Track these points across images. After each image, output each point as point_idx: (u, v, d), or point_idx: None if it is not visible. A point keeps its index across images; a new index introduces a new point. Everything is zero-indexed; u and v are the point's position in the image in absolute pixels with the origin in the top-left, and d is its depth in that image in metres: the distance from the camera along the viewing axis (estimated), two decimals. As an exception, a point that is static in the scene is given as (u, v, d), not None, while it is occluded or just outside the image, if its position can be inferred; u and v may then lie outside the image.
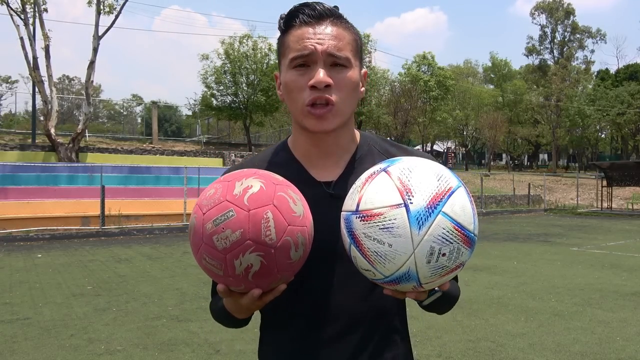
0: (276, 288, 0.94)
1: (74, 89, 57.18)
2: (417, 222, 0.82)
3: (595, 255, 10.58)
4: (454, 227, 0.84)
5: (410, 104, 36.39)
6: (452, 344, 4.68)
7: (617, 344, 4.70)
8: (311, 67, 1.04)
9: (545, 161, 60.83)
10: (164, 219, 15.28)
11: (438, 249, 0.83)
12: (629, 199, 26.54)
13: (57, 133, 19.24)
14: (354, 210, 0.89)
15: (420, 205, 0.83)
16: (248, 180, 0.90)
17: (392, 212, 0.84)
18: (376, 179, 0.90)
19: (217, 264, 0.87)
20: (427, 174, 0.87)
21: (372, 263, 0.87)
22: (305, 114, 1.06)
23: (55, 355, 4.35)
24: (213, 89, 28.73)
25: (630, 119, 43.03)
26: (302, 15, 1.06)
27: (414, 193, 0.84)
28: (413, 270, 0.85)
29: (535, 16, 58.13)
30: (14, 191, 14.61)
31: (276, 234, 0.86)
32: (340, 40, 1.06)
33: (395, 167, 0.90)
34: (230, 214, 0.85)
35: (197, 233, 0.89)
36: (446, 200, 0.85)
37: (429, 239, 0.83)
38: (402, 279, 0.87)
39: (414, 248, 0.83)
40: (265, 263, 0.86)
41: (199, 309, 5.88)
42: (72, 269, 8.59)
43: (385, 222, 0.84)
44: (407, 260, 0.84)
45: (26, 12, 18.00)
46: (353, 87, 1.08)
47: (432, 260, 0.84)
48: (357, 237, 0.88)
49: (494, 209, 24.82)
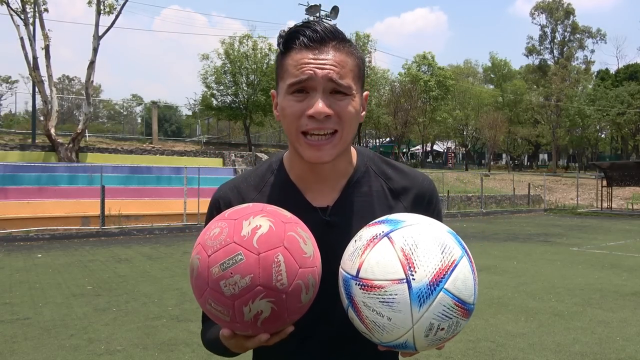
0: (283, 330, 0.89)
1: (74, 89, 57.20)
2: (419, 300, 0.81)
3: (595, 255, 10.58)
4: (455, 303, 0.84)
5: (410, 104, 36.39)
6: (452, 344, 4.68)
7: (617, 344, 4.70)
8: (310, 93, 0.99)
9: (545, 161, 60.83)
10: (164, 219, 15.28)
11: (437, 324, 0.83)
12: (629, 199, 26.54)
13: (57, 133, 19.23)
14: (354, 276, 0.87)
15: (423, 282, 0.82)
16: (256, 220, 0.84)
17: (393, 287, 0.82)
18: (378, 245, 0.87)
19: (224, 310, 0.82)
20: (431, 245, 0.85)
21: (370, 331, 0.87)
22: (301, 143, 1.01)
23: (55, 355, 4.35)
24: (213, 89, 28.73)
25: (630, 119, 43.03)
26: (302, 37, 1.00)
27: (416, 268, 0.82)
28: (410, 342, 0.85)
29: (535, 16, 58.17)
30: (14, 191, 14.61)
31: (287, 279, 0.81)
32: (343, 67, 1.00)
33: (398, 233, 0.87)
34: (239, 257, 0.80)
35: (202, 277, 0.83)
36: (449, 276, 0.83)
37: (428, 316, 0.82)
38: (399, 347, 0.88)
39: (413, 324, 0.83)
40: (275, 309, 0.82)
41: (199, 309, 5.86)
42: (72, 269, 8.59)
43: (385, 297, 0.82)
44: (406, 334, 0.84)
45: (26, 12, 18.00)
46: (353, 117, 1.02)
47: (431, 335, 0.84)
48: (356, 304, 0.87)
49: (494, 209, 24.82)
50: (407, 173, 1.17)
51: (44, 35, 18.04)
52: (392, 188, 1.13)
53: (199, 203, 15.38)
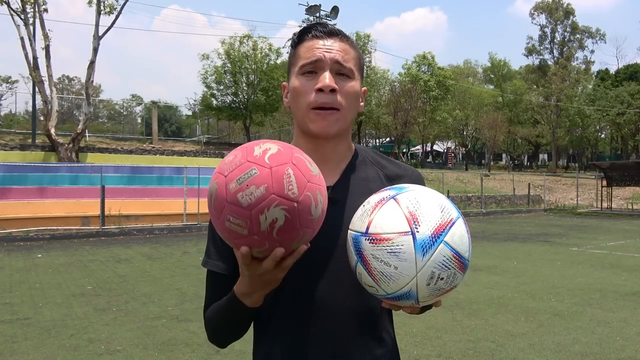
0: (297, 250, 0.94)
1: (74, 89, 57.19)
2: (422, 249, 0.91)
3: (595, 255, 10.58)
4: (453, 255, 0.93)
5: (410, 104, 36.38)
6: (452, 344, 4.68)
7: (617, 344, 4.70)
8: (318, 73, 1.13)
9: (545, 161, 60.84)
10: (164, 219, 15.28)
11: (437, 273, 0.93)
12: (629, 199, 26.54)
13: (57, 133, 19.23)
14: (364, 232, 0.97)
15: (426, 234, 0.92)
16: (266, 144, 0.94)
17: (400, 239, 0.92)
18: (385, 205, 0.97)
19: (243, 222, 0.88)
20: (432, 205, 0.96)
21: (377, 282, 0.96)
22: (310, 117, 1.13)
23: (55, 355, 4.35)
24: (213, 89, 28.75)
25: (630, 119, 43.03)
26: (314, 31, 1.17)
27: (420, 223, 0.93)
28: (414, 291, 0.94)
29: (535, 16, 58.14)
30: (14, 191, 14.61)
31: (298, 189, 0.88)
32: (347, 54, 1.16)
33: (403, 196, 0.98)
34: (254, 171, 0.87)
35: (220, 195, 0.89)
36: (447, 231, 0.94)
37: (430, 264, 0.92)
38: (402, 297, 0.96)
39: (416, 272, 0.92)
40: (289, 217, 0.87)
41: (199, 308, 5.88)
42: (72, 269, 8.59)
43: (393, 247, 0.92)
44: (410, 282, 0.93)
45: (26, 12, 18.00)
46: (355, 97, 1.17)
47: (432, 283, 0.93)
48: (365, 257, 0.96)
49: (494, 209, 24.81)
50: (399, 164, 1.30)
51: (44, 35, 18.04)
52: (387, 174, 1.25)
53: (199, 203, 15.37)
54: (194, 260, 9.48)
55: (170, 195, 16.63)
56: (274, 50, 28.38)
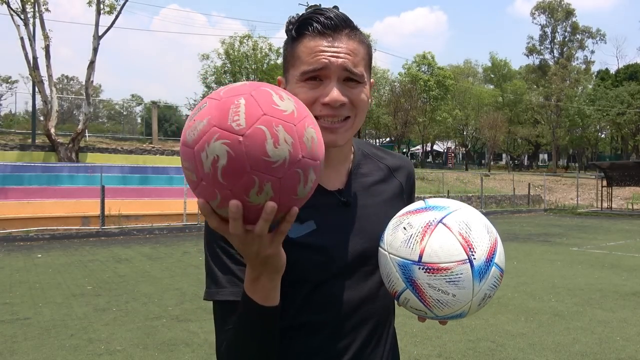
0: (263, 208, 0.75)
1: (74, 88, 57.21)
2: (479, 276, 0.93)
3: (595, 255, 10.57)
4: (500, 274, 0.97)
5: (410, 104, 36.40)
6: (452, 344, 4.68)
7: (617, 344, 4.70)
8: (324, 81, 1.00)
9: (545, 161, 60.84)
10: (164, 219, 15.27)
11: (488, 294, 0.96)
12: (629, 199, 26.53)
13: (57, 133, 19.24)
14: (416, 261, 0.95)
15: (481, 259, 0.94)
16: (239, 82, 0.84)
17: (459, 268, 0.92)
18: (436, 231, 0.95)
19: (190, 166, 0.77)
20: (480, 227, 0.97)
21: (430, 307, 0.96)
22: None
23: (55, 355, 4.35)
24: (213, 88, 28.76)
25: (630, 119, 43.03)
26: (316, 24, 1.00)
27: (475, 249, 0.94)
28: (465, 312, 0.97)
29: (535, 16, 58.14)
30: (14, 191, 14.60)
31: (246, 120, 0.74)
32: (356, 56, 1.01)
33: (451, 219, 0.97)
34: (203, 105, 0.78)
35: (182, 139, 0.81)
36: (496, 252, 0.96)
37: (484, 288, 0.95)
38: (452, 318, 0.99)
39: (472, 297, 0.94)
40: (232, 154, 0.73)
41: (199, 309, 5.88)
42: (72, 269, 8.59)
43: (452, 277, 0.93)
44: (464, 306, 0.95)
45: (26, 12, 18.01)
46: (365, 104, 1.06)
47: (482, 303, 0.97)
48: (418, 286, 0.95)
49: (494, 209, 24.81)
50: (394, 154, 1.27)
51: (44, 35, 18.05)
52: (387, 165, 1.22)
53: (199, 203, 15.34)
54: (194, 260, 9.48)
55: (170, 195, 16.62)
56: (274, 50, 28.41)
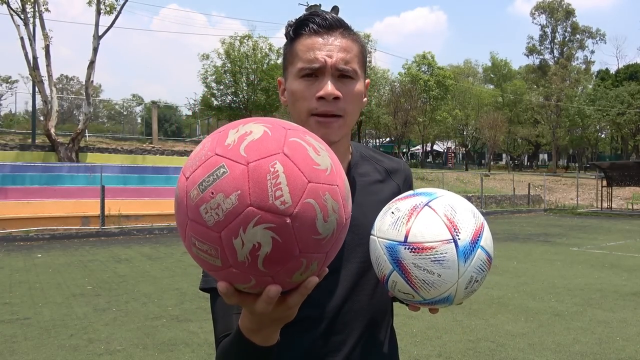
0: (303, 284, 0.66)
1: (74, 88, 57.21)
2: (464, 256, 0.95)
3: (595, 255, 10.57)
4: (487, 257, 0.98)
5: (410, 104, 36.38)
6: (452, 344, 4.68)
7: (617, 344, 4.70)
8: (319, 78, 1.05)
9: (545, 161, 60.82)
10: (164, 219, 15.27)
11: (475, 277, 0.97)
12: (629, 199, 26.53)
13: (57, 133, 19.24)
14: (402, 241, 0.97)
15: (466, 240, 0.95)
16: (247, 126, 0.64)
17: (443, 247, 0.94)
18: (422, 213, 0.98)
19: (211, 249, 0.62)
20: (465, 211, 0.99)
21: (417, 289, 0.97)
22: (311, 123, 1.05)
23: (55, 355, 4.35)
24: (213, 88, 28.75)
25: (630, 119, 43.00)
26: (312, 24, 1.06)
27: (460, 230, 0.95)
28: (452, 295, 0.97)
29: (536, 16, 58.16)
30: (14, 191, 14.60)
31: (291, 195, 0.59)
32: (349, 53, 1.07)
33: (437, 202, 0.99)
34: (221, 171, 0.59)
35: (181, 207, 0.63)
36: (482, 235, 0.98)
37: (470, 269, 0.96)
38: (439, 302, 0.99)
39: (458, 278, 0.95)
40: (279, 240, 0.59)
41: (199, 309, 5.88)
42: (72, 269, 8.59)
43: (437, 255, 0.94)
44: (451, 287, 0.96)
45: (26, 12, 18.00)
46: (359, 99, 1.10)
47: (469, 287, 0.98)
48: (404, 266, 0.96)
49: (494, 209, 24.81)
50: (391, 157, 1.29)
51: (44, 35, 18.04)
52: (384, 167, 1.24)
53: (199, 203, 15.33)
54: (194, 261, 9.47)
55: (170, 195, 16.58)
56: (274, 50, 28.41)
